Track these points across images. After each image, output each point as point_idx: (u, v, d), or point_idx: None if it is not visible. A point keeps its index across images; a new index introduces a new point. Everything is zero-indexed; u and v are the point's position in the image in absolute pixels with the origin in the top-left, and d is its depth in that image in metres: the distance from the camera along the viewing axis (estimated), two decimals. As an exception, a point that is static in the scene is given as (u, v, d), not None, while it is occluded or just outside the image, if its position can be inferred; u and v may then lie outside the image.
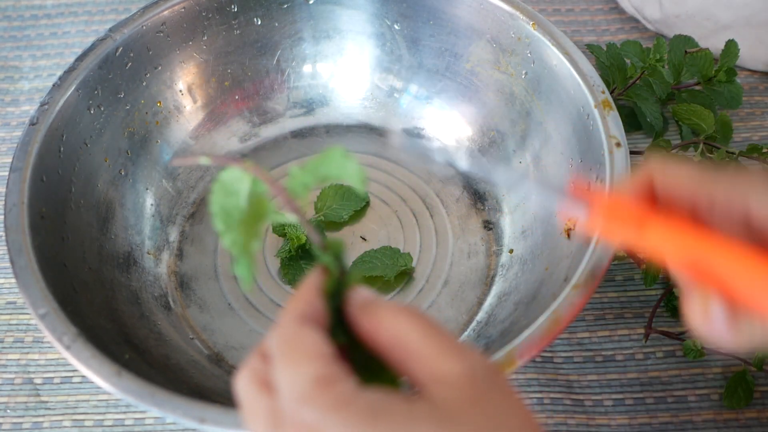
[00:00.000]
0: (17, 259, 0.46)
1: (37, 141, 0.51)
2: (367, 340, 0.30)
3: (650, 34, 0.72)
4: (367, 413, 0.27)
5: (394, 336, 0.29)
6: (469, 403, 0.28)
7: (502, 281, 0.56)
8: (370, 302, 0.31)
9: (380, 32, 0.63)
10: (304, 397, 0.27)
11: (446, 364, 0.28)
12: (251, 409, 0.30)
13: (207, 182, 0.62)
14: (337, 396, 0.27)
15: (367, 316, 0.30)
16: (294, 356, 0.29)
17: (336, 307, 0.31)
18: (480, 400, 0.28)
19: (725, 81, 0.63)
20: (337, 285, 0.32)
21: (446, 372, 0.28)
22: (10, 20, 0.76)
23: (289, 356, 0.29)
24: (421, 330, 0.29)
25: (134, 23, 0.57)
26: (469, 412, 0.27)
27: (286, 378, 0.28)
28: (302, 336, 0.29)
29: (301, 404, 0.27)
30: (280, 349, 0.29)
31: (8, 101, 0.70)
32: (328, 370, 0.28)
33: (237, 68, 0.63)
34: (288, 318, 0.30)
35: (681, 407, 0.51)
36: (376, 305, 0.30)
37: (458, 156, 0.38)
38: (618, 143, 0.50)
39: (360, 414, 0.27)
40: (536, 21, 0.56)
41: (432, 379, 0.28)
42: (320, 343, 0.29)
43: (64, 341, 0.43)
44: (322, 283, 0.32)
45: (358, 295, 0.31)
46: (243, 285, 0.32)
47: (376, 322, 0.30)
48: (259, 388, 0.29)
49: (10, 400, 0.53)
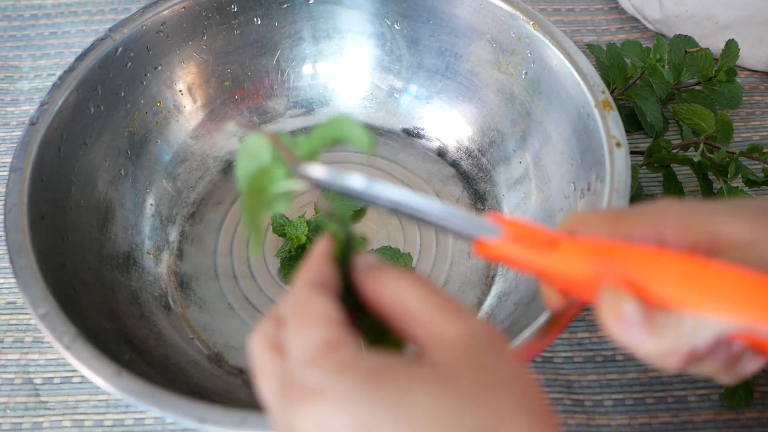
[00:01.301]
0: (17, 259, 0.46)
1: (37, 141, 0.51)
2: (371, 304, 0.31)
3: (650, 34, 0.72)
4: (368, 376, 0.28)
5: (396, 300, 0.30)
6: (467, 365, 0.28)
7: (502, 281, 0.56)
8: (373, 267, 0.32)
9: (380, 32, 0.63)
10: (311, 360, 0.28)
11: (446, 326, 0.29)
12: (263, 371, 0.31)
13: (207, 182, 0.62)
14: (342, 359, 0.28)
15: (370, 280, 0.31)
16: (303, 321, 0.30)
17: (343, 272, 0.32)
18: (479, 362, 0.28)
19: (725, 81, 0.63)
20: (344, 251, 0.33)
21: (446, 334, 0.29)
22: (9, 20, 0.76)
23: (298, 321, 0.30)
24: (422, 293, 0.30)
25: (134, 23, 0.57)
26: (468, 373, 0.28)
27: (295, 341, 0.29)
28: (312, 302, 0.30)
29: (308, 367, 0.28)
30: (291, 314, 0.30)
31: (8, 101, 0.70)
32: (334, 335, 0.29)
33: (237, 68, 0.63)
34: (299, 285, 0.31)
35: (681, 407, 0.51)
36: (379, 270, 0.31)
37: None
38: (618, 143, 0.50)
39: (362, 377, 0.28)
40: (536, 21, 0.56)
41: (432, 341, 0.29)
42: (329, 309, 0.30)
43: (64, 341, 0.43)
44: (331, 250, 0.32)
45: (363, 260, 0.32)
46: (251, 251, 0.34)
47: (380, 287, 0.31)
48: (270, 351, 0.30)
49: (9, 400, 0.53)
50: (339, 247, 0.33)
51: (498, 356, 0.29)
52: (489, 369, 0.28)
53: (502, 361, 0.29)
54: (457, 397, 0.27)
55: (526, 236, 0.34)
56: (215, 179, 0.63)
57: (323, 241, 0.33)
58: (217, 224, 0.60)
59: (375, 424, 0.27)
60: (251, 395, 0.51)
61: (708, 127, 0.58)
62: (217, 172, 0.63)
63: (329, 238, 0.33)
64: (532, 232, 0.34)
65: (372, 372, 0.28)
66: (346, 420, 0.27)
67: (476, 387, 0.28)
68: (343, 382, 0.28)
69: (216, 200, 0.61)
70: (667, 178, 0.59)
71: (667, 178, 0.59)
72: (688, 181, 0.61)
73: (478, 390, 0.28)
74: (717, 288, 0.30)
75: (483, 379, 0.28)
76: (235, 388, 0.51)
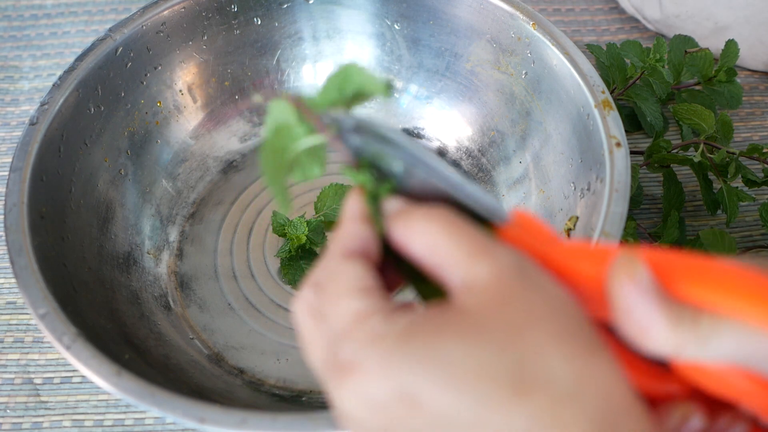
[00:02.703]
0: (17, 259, 0.46)
1: (37, 141, 0.51)
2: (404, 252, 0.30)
3: (650, 34, 0.72)
4: (399, 339, 0.27)
5: (425, 245, 0.29)
6: (498, 304, 0.27)
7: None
8: (399, 214, 0.31)
9: (380, 32, 0.63)
10: (344, 333, 0.28)
11: (475, 268, 0.28)
12: (308, 340, 0.30)
13: (207, 182, 0.62)
14: (372, 329, 0.28)
15: (399, 228, 0.30)
16: (335, 291, 0.29)
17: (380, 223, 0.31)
18: (510, 298, 0.27)
19: (725, 81, 0.63)
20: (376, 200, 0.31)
21: (476, 276, 0.28)
22: (10, 20, 0.76)
23: (330, 292, 0.30)
24: (449, 235, 0.29)
25: (134, 23, 0.57)
26: (498, 313, 0.27)
27: (330, 313, 0.29)
28: (342, 270, 0.30)
29: (343, 341, 0.28)
30: (324, 284, 0.30)
31: (8, 101, 0.70)
32: (364, 304, 0.29)
33: (237, 68, 0.63)
34: (331, 251, 0.31)
35: (681, 407, 0.51)
36: (406, 215, 0.30)
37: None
38: (618, 143, 0.50)
39: (393, 342, 0.27)
40: (536, 21, 0.56)
41: (463, 285, 0.28)
42: (359, 277, 0.29)
43: (64, 341, 0.43)
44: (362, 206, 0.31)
45: (389, 206, 0.31)
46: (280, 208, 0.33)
47: (409, 233, 0.30)
48: (312, 319, 0.30)
49: (10, 400, 0.53)
50: (370, 198, 0.31)
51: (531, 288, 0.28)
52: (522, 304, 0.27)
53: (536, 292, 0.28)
54: (488, 340, 0.26)
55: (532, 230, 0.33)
56: (215, 179, 0.63)
57: (353, 198, 0.32)
58: (217, 224, 0.60)
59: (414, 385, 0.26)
60: (251, 395, 0.51)
61: (708, 127, 0.58)
62: (217, 172, 0.63)
63: (358, 192, 0.31)
64: (539, 229, 0.32)
65: (402, 335, 0.27)
66: (386, 389, 0.27)
67: (508, 325, 0.27)
68: (376, 353, 0.27)
69: (216, 200, 0.61)
70: (667, 178, 0.59)
71: (667, 178, 0.59)
72: (688, 181, 0.61)
73: (510, 328, 0.27)
74: (740, 288, 0.28)
75: (516, 316, 0.27)
76: (235, 388, 0.51)
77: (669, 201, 0.58)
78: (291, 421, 0.40)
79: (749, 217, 0.60)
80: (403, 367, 0.27)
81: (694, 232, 0.59)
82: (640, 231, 0.57)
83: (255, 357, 0.54)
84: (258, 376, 0.53)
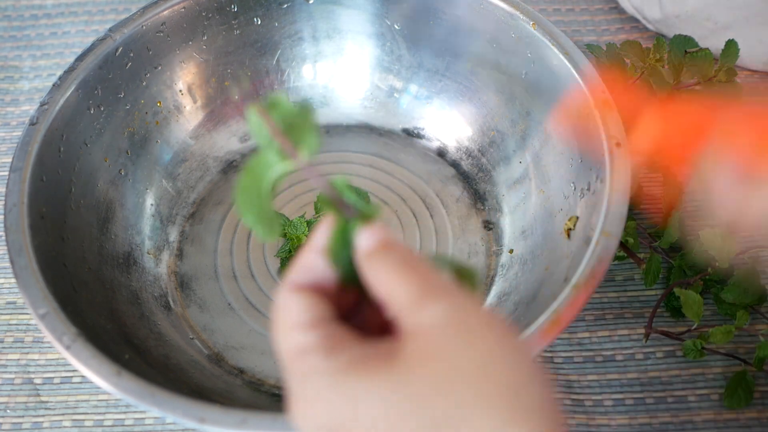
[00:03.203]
0: (17, 259, 0.46)
1: (37, 141, 0.51)
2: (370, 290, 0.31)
3: (650, 34, 0.72)
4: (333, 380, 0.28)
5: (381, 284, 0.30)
6: (426, 361, 0.27)
7: (502, 281, 0.56)
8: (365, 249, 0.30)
9: (380, 32, 0.63)
10: (287, 363, 0.30)
11: (420, 313, 0.28)
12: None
13: (207, 182, 0.62)
14: (311, 364, 0.29)
15: (363, 265, 0.30)
16: (282, 324, 0.30)
17: (348, 256, 0.31)
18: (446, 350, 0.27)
19: (725, 81, 0.63)
20: (347, 232, 0.31)
21: (419, 322, 0.28)
22: (10, 20, 0.76)
23: (279, 323, 0.31)
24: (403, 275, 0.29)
25: (134, 23, 0.57)
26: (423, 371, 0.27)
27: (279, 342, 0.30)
28: (289, 304, 0.31)
29: (286, 370, 0.30)
30: (275, 316, 0.31)
31: (8, 101, 0.70)
32: (306, 339, 0.29)
33: (237, 68, 0.63)
34: (285, 283, 0.31)
35: (681, 407, 0.51)
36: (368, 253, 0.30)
37: None
38: (618, 143, 0.50)
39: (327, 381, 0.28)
40: (536, 21, 0.56)
41: (409, 328, 0.28)
42: (305, 310, 0.30)
43: (64, 341, 0.43)
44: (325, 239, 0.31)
45: (362, 242, 0.31)
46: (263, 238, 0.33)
47: (371, 273, 0.30)
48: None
49: (10, 400, 0.53)
50: (342, 227, 0.31)
51: (467, 343, 0.27)
52: (453, 360, 0.27)
53: (471, 348, 0.27)
54: (411, 394, 0.27)
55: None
56: (215, 179, 0.63)
57: (321, 227, 0.31)
58: (217, 224, 0.60)
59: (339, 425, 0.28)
60: (251, 395, 0.51)
61: (708, 127, 0.58)
62: (217, 172, 0.63)
63: (329, 221, 0.31)
64: None
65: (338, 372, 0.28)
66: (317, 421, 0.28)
67: (433, 379, 0.27)
68: (312, 387, 0.28)
69: (216, 200, 0.61)
70: (668, 178, 0.58)
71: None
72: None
73: (434, 382, 0.27)
74: None
75: (443, 373, 0.27)
76: (235, 388, 0.51)
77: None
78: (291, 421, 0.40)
79: (749, 217, 0.60)
80: (334, 404, 0.28)
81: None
82: (640, 231, 0.57)
83: (255, 357, 0.54)
84: (258, 376, 0.53)
